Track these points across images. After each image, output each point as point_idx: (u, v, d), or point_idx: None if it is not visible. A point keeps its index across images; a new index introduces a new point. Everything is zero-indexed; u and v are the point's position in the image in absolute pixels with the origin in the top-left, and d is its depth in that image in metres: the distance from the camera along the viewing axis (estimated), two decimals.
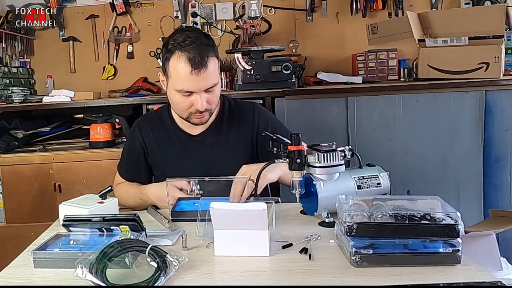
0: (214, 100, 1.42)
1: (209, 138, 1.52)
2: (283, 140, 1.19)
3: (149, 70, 2.82)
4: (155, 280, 0.85)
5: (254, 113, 1.54)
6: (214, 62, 1.37)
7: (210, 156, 1.51)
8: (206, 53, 1.33)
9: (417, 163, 2.15)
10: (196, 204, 1.27)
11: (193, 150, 1.52)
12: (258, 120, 1.53)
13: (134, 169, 1.58)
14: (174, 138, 1.54)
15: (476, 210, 2.14)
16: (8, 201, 2.11)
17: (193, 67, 1.31)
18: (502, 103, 2.10)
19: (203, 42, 1.35)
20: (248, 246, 0.98)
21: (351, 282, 0.86)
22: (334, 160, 1.15)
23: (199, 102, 1.36)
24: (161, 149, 1.54)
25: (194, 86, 1.34)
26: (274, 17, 2.72)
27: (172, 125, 1.55)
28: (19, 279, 0.94)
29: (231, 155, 1.51)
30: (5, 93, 2.44)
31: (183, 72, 1.32)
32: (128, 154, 1.61)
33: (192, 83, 1.34)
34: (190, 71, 1.31)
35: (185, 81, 1.34)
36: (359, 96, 2.15)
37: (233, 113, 1.55)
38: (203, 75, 1.33)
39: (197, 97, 1.36)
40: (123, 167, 1.62)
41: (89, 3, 2.83)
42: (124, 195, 1.51)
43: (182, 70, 1.32)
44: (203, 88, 1.36)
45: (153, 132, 1.55)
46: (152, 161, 1.57)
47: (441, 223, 0.91)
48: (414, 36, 2.22)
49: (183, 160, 1.50)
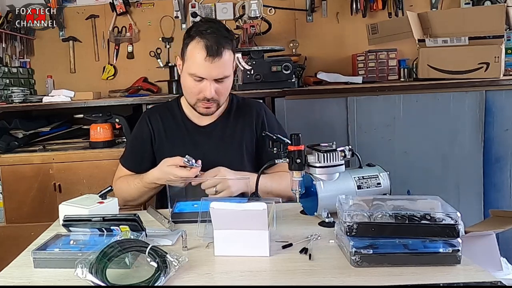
0: (223, 92, 1.46)
1: (216, 131, 1.55)
2: (283, 140, 1.19)
3: (149, 70, 2.82)
4: (155, 280, 0.85)
5: (260, 113, 1.59)
6: (230, 55, 1.42)
7: (215, 148, 1.53)
8: (223, 44, 1.39)
9: (417, 163, 2.15)
10: (195, 205, 1.27)
11: (199, 140, 1.55)
12: (263, 122, 1.57)
13: (138, 158, 1.58)
14: (182, 127, 1.56)
15: (476, 210, 2.14)
16: (8, 201, 2.11)
17: (208, 54, 1.36)
18: (502, 103, 2.10)
19: (223, 33, 1.41)
20: (248, 246, 0.98)
21: (351, 282, 0.86)
22: (334, 160, 1.15)
23: (208, 89, 1.41)
24: (168, 138, 1.56)
25: (206, 72, 1.39)
26: (274, 17, 2.72)
27: (181, 114, 1.59)
28: (19, 279, 0.94)
29: (236, 149, 1.54)
30: (5, 93, 2.43)
31: (199, 57, 1.38)
32: (134, 143, 1.62)
33: (204, 69, 1.39)
34: (205, 57, 1.37)
35: (199, 66, 1.39)
36: (359, 96, 2.15)
37: (241, 109, 1.60)
38: (217, 63, 1.38)
39: (207, 84, 1.41)
40: (127, 156, 1.62)
41: (89, 3, 2.83)
42: (125, 186, 1.51)
43: (197, 55, 1.38)
44: (214, 77, 1.40)
45: (161, 120, 1.59)
46: (158, 149, 1.57)
47: (441, 223, 0.91)
48: (414, 36, 2.22)
49: (189, 150, 1.50)
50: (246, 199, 1.23)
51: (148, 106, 2.19)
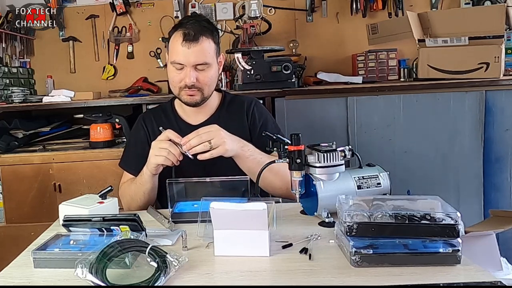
0: (205, 81, 1.48)
1: None
2: (283, 140, 1.19)
3: (149, 70, 2.82)
4: (155, 280, 0.85)
5: (251, 106, 1.62)
6: (209, 43, 1.47)
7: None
8: (201, 32, 1.44)
9: (417, 163, 2.15)
10: (195, 205, 1.27)
11: None
12: (253, 113, 1.60)
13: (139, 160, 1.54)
14: (175, 127, 1.54)
15: (476, 210, 2.14)
16: (8, 201, 2.11)
17: (185, 39, 1.42)
18: (502, 103, 2.10)
19: (202, 24, 1.47)
20: (248, 246, 0.98)
21: (351, 282, 0.86)
22: (334, 160, 1.15)
23: (188, 76, 1.45)
24: None
25: (184, 58, 1.44)
26: (274, 17, 2.72)
27: (174, 115, 1.61)
28: (19, 279, 0.94)
29: None
30: (5, 93, 2.43)
31: (177, 44, 1.44)
32: (135, 146, 1.62)
33: (182, 55, 1.44)
34: (182, 42, 1.43)
35: (177, 53, 1.45)
36: (359, 96, 2.15)
37: (233, 105, 1.63)
38: (194, 49, 1.43)
39: (187, 71, 1.45)
40: (131, 160, 1.60)
41: (89, 3, 2.83)
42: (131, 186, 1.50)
43: (176, 43, 1.45)
44: (192, 63, 1.44)
45: (156, 121, 1.61)
46: None
47: (441, 223, 0.91)
48: (414, 36, 2.22)
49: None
50: (246, 199, 1.23)
51: (148, 106, 2.19)
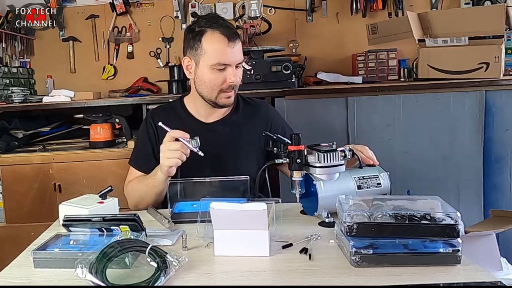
0: (240, 80, 1.48)
1: (223, 128, 1.54)
2: (283, 140, 1.19)
3: (149, 70, 2.82)
4: (155, 280, 0.85)
5: (267, 111, 1.62)
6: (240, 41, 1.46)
7: (222, 145, 1.52)
8: (234, 30, 1.44)
9: (417, 163, 2.15)
10: (195, 205, 1.27)
11: (206, 137, 1.49)
12: (271, 118, 1.60)
13: (147, 158, 1.54)
14: (187, 126, 1.50)
15: (476, 210, 2.13)
16: (8, 201, 2.11)
17: (229, 39, 1.40)
18: (502, 103, 2.10)
19: (227, 23, 1.46)
20: (248, 246, 0.98)
21: (351, 282, 0.86)
22: (334, 160, 1.15)
23: (234, 74, 1.43)
24: None
25: (230, 58, 1.42)
26: (274, 17, 2.72)
27: (185, 114, 1.58)
28: (19, 279, 0.94)
29: (243, 147, 1.53)
30: (5, 93, 2.43)
31: (220, 45, 1.40)
32: (143, 144, 1.58)
33: (227, 55, 1.41)
34: (227, 43, 1.40)
35: (221, 53, 1.41)
36: (359, 96, 2.15)
37: (248, 108, 1.60)
38: (237, 47, 1.43)
39: (230, 71, 1.43)
40: (139, 158, 1.58)
41: (89, 3, 2.83)
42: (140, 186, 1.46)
43: (219, 43, 1.40)
44: (237, 61, 1.43)
45: (166, 120, 1.53)
46: None
47: (441, 223, 0.91)
48: (414, 36, 2.22)
49: None
50: (246, 199, 1.23)
51: (148, 106, 2.19)
